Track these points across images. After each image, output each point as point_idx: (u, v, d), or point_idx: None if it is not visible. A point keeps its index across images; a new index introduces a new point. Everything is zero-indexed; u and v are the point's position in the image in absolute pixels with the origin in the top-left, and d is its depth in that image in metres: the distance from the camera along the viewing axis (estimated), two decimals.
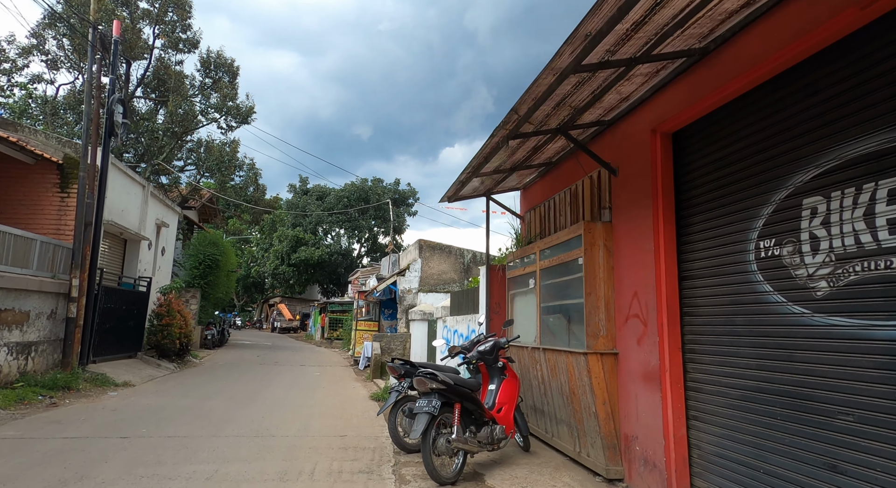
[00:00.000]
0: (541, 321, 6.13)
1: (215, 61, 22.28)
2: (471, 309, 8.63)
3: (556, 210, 6.63)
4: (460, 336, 8.92)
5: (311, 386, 11.17)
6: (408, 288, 13.41)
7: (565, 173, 6.34)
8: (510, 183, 7.66)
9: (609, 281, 5.04)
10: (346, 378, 13.03)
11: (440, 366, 6.54)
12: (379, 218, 43.53)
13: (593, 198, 5.59)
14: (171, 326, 13.02)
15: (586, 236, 5.06)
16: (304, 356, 19.83)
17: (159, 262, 14.86)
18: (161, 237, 14.91)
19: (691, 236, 4.24)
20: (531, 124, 4.73)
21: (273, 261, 40.81)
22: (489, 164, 5.97)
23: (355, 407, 8.55)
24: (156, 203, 14.17)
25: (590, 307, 4.99)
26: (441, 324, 10.38)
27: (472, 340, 6.46)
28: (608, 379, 4.86)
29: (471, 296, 8.72)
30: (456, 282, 13.76)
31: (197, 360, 15.46)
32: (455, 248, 13.87)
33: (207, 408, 7.88)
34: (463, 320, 8.89)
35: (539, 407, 6.29)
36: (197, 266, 21.02)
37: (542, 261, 6.13)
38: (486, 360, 5.76)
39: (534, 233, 7.32)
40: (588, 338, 4.93)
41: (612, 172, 5.06)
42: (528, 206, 7.65)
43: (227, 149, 21.87)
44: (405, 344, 13.00)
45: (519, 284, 7.05)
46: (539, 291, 6.18)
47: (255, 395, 9.41)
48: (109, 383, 9.68)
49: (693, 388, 4.11)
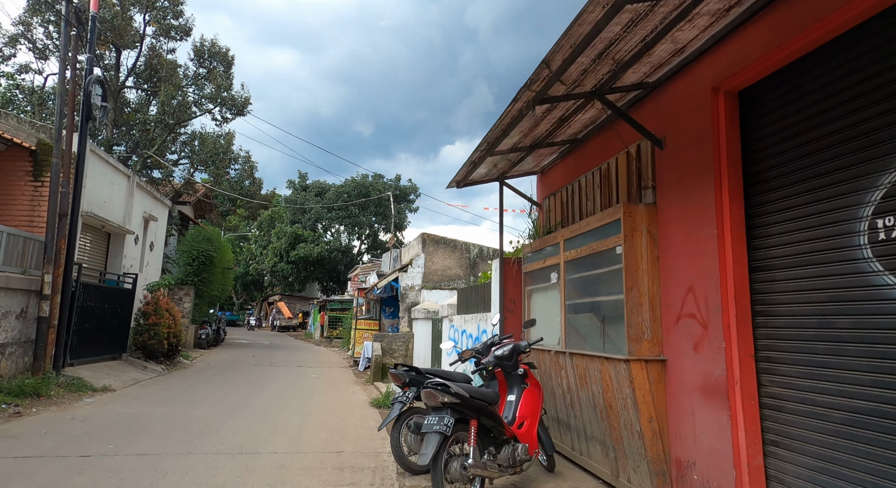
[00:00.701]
0: (566, 321, 5.33)
1: (209, 50, 21.44)
2: (481, 307, 7.83)
3: (582, 194, 5.82)
4: (469, 337, 8.12)
5: (306, 390, 10.38)
6: (410, 284, 12.60)
7: (593, 151, 5.53)
8: (526, 166, 6.85)
9: (654, 273, 4.23)
10: (345, 380, 12.25)
11: (450, 374, 5.75)
12: (380, 214, 42.72)
13: (631, 176, 4.78)
14: (158, 326, 12.23)
15: (626, 221, 4.25)
16: (302, 356, 19.05)
17: (147, 258, 14.06)
18: (149, 231, 14.10)
19: (765, 217, 3.43)
20: (563, 84, 3.92)
21: (271, 258, 39.99)
22: (506, 140, 5.16)
23: (354, 416, 7.75)
24: (143, 195, 13.36)
25: (631, 305, 4.18)
26: (447, 324, 9.58)
27: (486, 343, 5.67)
28: (654, 391, 4.06)
29: (481, 292, 7.92)
30: (462, 278, 12.95)
31: (188, 361, 14.68)
32: (460, 243, 13.06)
33: (189, 418, 7.09)
34: (472, 319, 8.09)
35: (564, 419, 5.49)
36: (190, 262, 20.24)
37: (566, 253, 5.32)
38: (505, 367, 4.96)
39: (554, 222, 6.51)
40: (630, 342, 4.12)
41: (656, 144, 4.24)
42: (547, 192, 6.84)
43: (221, 141, 21.03)
44: (408, 344, 12.20)
45: (537, 279, 6.25)
46: (563, 287, 5.37)
47: (244, 401, 8.62)
48: (86, 388, 8.89)
49: (770, 406, 3.30)
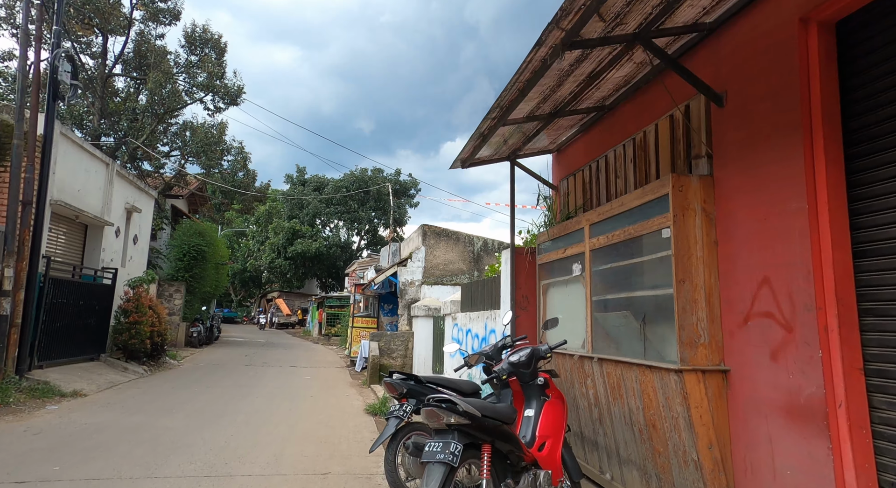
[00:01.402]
0: (592, 320, 4.50)
1: (200, 36, 20.55)
2: (488, 303, 7.00)
3: (609, 171, 4.97)
4: (475, 337, 7.29)
5: (297, 393, 9.56)
6: (410, 280, 11.77)
7: (625, 118, 4.68)
8: (540, 143, 6.01)
9: (711, 261, 3.40)
10: (340, 382, 11.44)
11: (454, 382, 4.92)
12: (379, 209, 41.87)
13: (676, 145, 3.93)
14: (139, 324, 11.41)
15: (676, 197, 3.42)
16: (297, 355, 18.26)
17: (131, 252, 13.23)
18: (132, 224, 13.27)
19: (875, 186, 2.59)
20: (601, 20, 3.07)
21: (269, 254, 39.17)
22: (523, 105, 4.32)
23: (346, 426, 6.94)
24: (124, 184, 12.52)
25: (683, 301, 3.35)
26: (450, 323, 8.75)
27: (496, 345, 4.86)
28: (714, 409, 3.23)
29: (488, 288, 7.09)
30: (465, 273, 12.12)
31: (175, 361, 13.88)
32: (463, 235, 12.23)
33: (160, 429, 6.27)
34: (478, 318, 7.26)
35: (589, 436, 4.67)
36: (181, 257, 19.43)
37: (593, 240, 4.49)
38: (521, 375, 4.13)
39: (574, 206, 5.67)
40: (682, 348, 3.29)
41: (714, 101, 3.40)
42: (565, 173, 5.99)
43: (213, 131, 20.17)
44: (407, 344, 11.39)
45: (555, 272, 5.42)
46: (589, 280, 4.54)
47: (227, 408, 7.81)
48: (53, 393, 8.07)
49: (889, 437, 2.47)
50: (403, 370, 11.29)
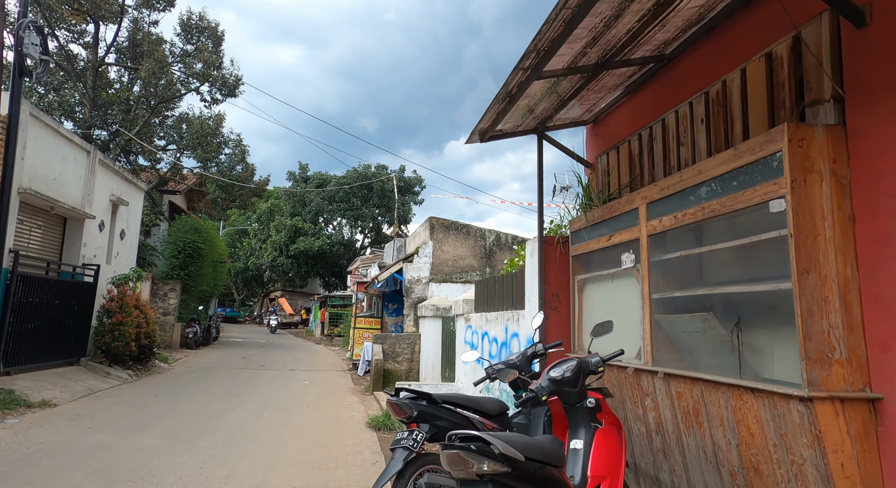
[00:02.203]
0: (651, 324, 3.54)
1: (196, 24, 19.67)
2: (508, 303, 6.04)
3: (668, 138, 4.01)
4: (493, 342, 6.33)
5: (292, 402, 8.64)
6: (416, 277, 10.82)
7: (691, 70, 3.72)
8: (572, 113, 5.05)
9: (846, 245, 2.43)
10: (341, 389, 10.51)
11: (476, 401, 3.97)
12: (383, 206, 40.97)
13: (777, 91, 2.97)
14: (123, 325, 10.52)
15: (794, 155, 2.45)
16: (298, 357, 17.36)
17: (117, 248, 12.35)
18: (119, 217, 12.39)
19: None
20: None
21: (270, 252, 38.34)
22: (566, 48, 3.36)
23: (345, 445, 6.00)
24: (109, 175, 11.63)
25: (808, 300, 2.38)
26: (462, 324, 7.79)
27: (525, 353, 3.94)
28: (860, 453, 2.27)
29: (508, 284, 6.13)
30: (476, 269, 11.16)
31: (166, 365, 13.00)
32: (474, 228, 11.27)
33: (127, 450, 5.36)
34: (497, 319, 6.29)
35: (647, 469, 3.71)
36: (176, 255, 18.59)
37: (653, 222, 3.53)
38: (566, 396, 3.18)
39: (617, 185, 4.71)
40: (809, 366, 2.33)
41: (851, 19, 2.43)
42: (604, 147, 5.03)
43: (210, 123, 19.28)
44: (413, 347, 10.44)
45: (596, 264, 4.46)
46: (647, 273, 3.58)
47: (210, 422, 6.89)
48: (17, 403, 7.18)
49: None
50: (409, 376, 10.36)
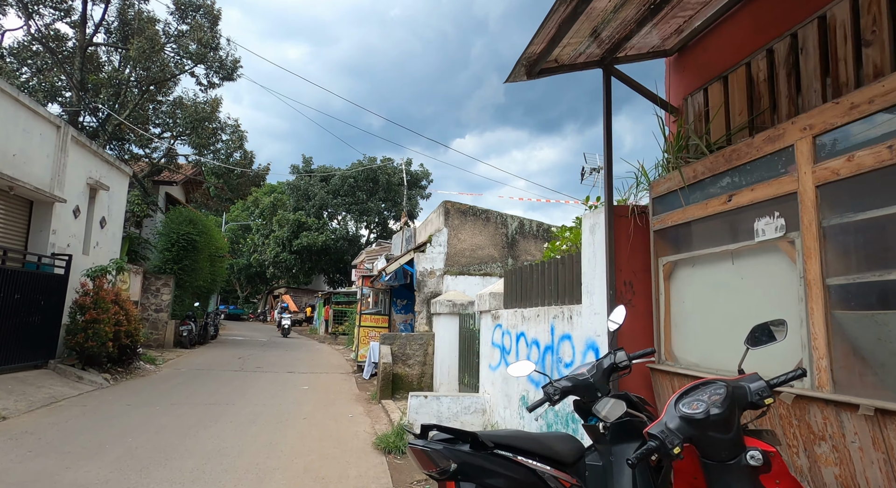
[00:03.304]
0: (829, 326, 2.23)
1: (191, 2, 18.43)
2: (554, 296, 4.73)
3: (836, 41, 2.68)
4: (533, 345, 5.01)
5: (287, 414, 7.38)
6: (429, 269, 9.54)
7: None
8: (649, 40, 3.75)
9: None
10: (344, 396, 9.25)
11: (542, 441, 2.65)
12: (389, 200, 39.72)
13: None
14: (99, 322, 9.31)
15: None
16: (299, 357, 16.13)
17: (96, 237, 11.14)
18: (99, 203, 11.17)
19: None
20: None
21: (273, 247, 37.21)
22: None
23: (346, 476, 4.71)
24: (85, 155, 10.41)
25: None
26: (488, 323, 6.49)
27: (599, 365, 2.67)
28: None
29: (553, 272, 4.81)
30: (496, 261, 9.86)
31: (153, 366, 11.80)
32: (494, 214, 9.97)
33: (61, 486, 4.11)
34: (539, 317, 4.97)
35: None
36: (169, 247, 17.39)
37: (828, 163, 2.21)
38: (710, 446, 1.87)
39: (725, 129, 3.39)
40: None
41: None
42: (698, 81, 3.71)
43: (205, 107, 18.05)
44: (426, 348, 9.17)
45: (700, 238, 3.15)
46: (818, 244, 2.27)
47: (183, 441, 5.64)
48: None
49: None
50: (422, 382, 9.08)
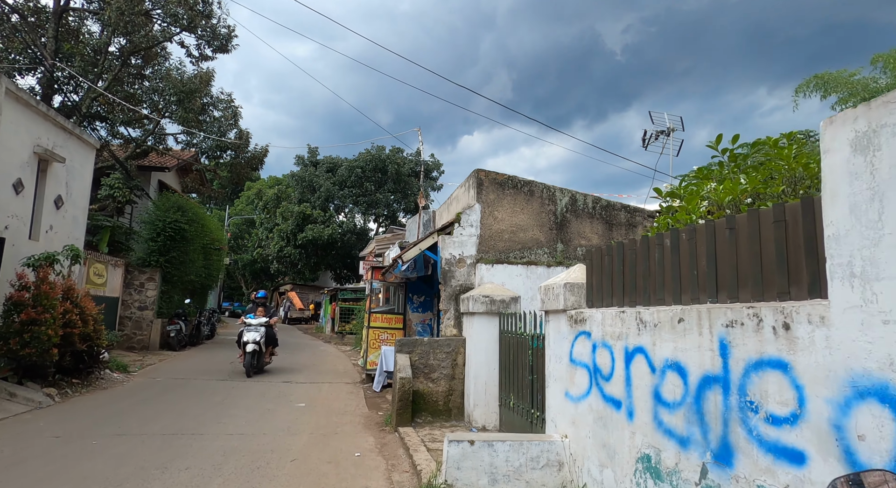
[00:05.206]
0: None
1: None
2: (723, 286, 2.63)
3: None
4: (671, 373, 2.90)
5: (269, 451, 5.33)
6: (457, 255, 7.47)
7: None
8: None
9: None
10: (349, 418, 7.20)
11: None
12: (399, 192, 37.68)
13: None
14: (39, 324, 7.34)
15: None
16: (300, 361, 14.13)
17: (50, 219, 9.18)
18: (53, 179, 9.20)
19: None
20: None
21: (277, 241, 35.32)
22: None
23: None
24: (29, 116, 8.43)
25: None
26: (563, 329, 4.36)
27: None
28: None
29: (727, 240, 2.70)
30: (542, 245, 7.77)
31: (123, 375, 9.84)
32: (539, 186, 7.87)
33: None
34: (685, 326, 2.85)
35: None
36: (154, 237, 15.44)
37: None
38: None
39: None
40: None
41: None
42: None
43: (195, 80, 16.05)
44: (455, 358, 7.11)
45: None
46: None
47: None
48: None
49: None
50: (449, 401, 7.02)
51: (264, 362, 11.02)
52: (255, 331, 10.46)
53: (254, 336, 10.38)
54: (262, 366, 10.88)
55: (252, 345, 10.32)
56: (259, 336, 10.41)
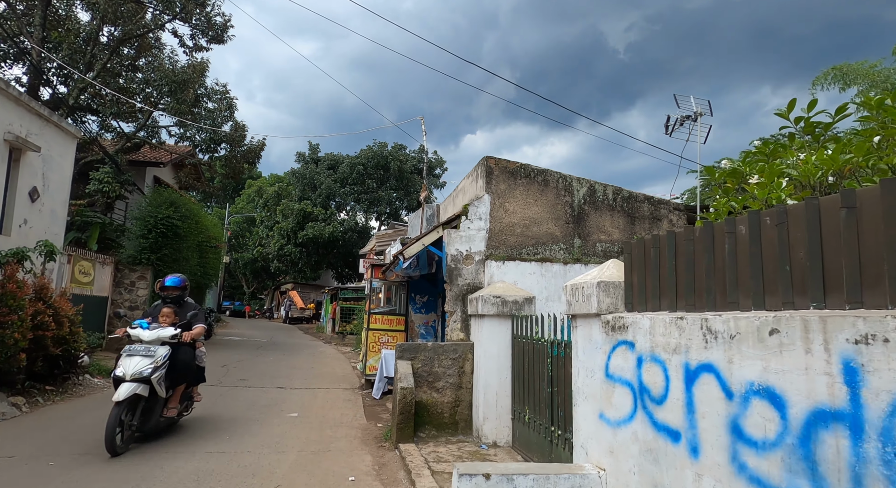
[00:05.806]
0: None
1: None
2: (868, 281, 1.92)
3: None
4: (759, 400, 2.21)
5: (249, 476, 4.63)
6: (465, 251, 6.76)
7: None
8: None
9: None
10: (345, 431, 6.50)
11: None
12: (401, 189, 36.97)
13: None
14: (4, 327, 6.65)
15: None
16: (297, 363, 13.45)
17: (24, 213, 8.51)
18: (27, 169, 8.53)
19: None
20: None
21: (277, 240, 34.69)
22: None
23: None
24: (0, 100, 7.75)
25: None
26: (597, 337, 3.64)
27: None
28: None
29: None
30: (559, 240, 7.06)
31: (102, 380, 9.15)
32: (554, 175, 7.15)
33: None
34: (788, 339, 2.15)
35: None
36: (146, 234, 14.78)
37: None
38: None
39: None
40: None
41: None
42: None
43: (188, 70, 15.38)
44: (462, 365, 6.40)
45: None
46: None
47: None
48: None
49: None
50: (456, 413, 6.32)
51: (168, 415, 5.64)
52: (143, 355, 5.15)
53: (139, 366, 5.05)
54: (156, 425, 5.48)
55: (130, 388, 4.92)
56: (151, 366, 5.10)
